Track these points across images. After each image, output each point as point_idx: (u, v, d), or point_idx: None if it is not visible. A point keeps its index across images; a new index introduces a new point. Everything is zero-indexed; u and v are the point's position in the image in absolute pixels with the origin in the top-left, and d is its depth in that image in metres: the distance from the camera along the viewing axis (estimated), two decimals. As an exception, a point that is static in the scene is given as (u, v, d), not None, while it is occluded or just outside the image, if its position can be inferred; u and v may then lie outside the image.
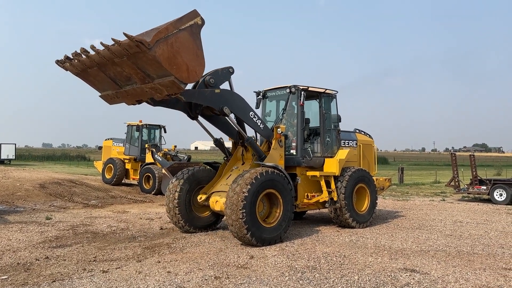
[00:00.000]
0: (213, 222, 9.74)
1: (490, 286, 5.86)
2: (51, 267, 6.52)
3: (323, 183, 10.02)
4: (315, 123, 10.60)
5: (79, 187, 18.53)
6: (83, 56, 7.14)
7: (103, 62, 6.98)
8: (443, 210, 14.27)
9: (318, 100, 10.63)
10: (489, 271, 6.57)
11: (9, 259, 6.93)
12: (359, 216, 10.38)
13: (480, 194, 17.17)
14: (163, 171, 17.05)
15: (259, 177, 8.12)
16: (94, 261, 6.89)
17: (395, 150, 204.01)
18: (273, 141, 9.31)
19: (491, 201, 16.60)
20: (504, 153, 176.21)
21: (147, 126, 21.44)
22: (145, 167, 18.90)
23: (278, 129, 9.33)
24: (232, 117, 8.87)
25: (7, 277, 6.00)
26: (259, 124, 9.19)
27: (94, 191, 17.89)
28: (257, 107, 10.85)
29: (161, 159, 18.50)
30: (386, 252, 7.78)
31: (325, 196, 9.94)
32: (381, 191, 12.31)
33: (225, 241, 8.54)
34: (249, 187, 7.92)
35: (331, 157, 10.43)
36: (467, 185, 17.72)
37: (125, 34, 6.15)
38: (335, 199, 10.01)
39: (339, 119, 11.01)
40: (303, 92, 10.02)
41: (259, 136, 9.70)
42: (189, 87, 7.79)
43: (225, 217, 8.27)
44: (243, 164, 9.65)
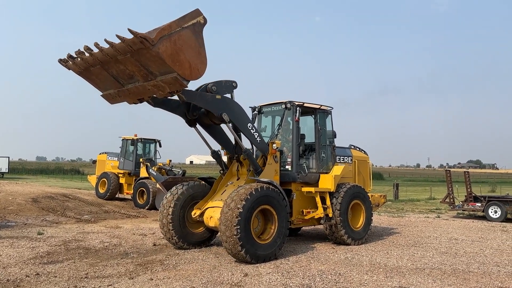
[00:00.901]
0: (207, 238, 9.64)
1: (486, 305, 5.81)
2: (41, 284, 6.40)
3: (318, 199, 9.98)
4: (310, 139, 10.60)
5: (72, 202, 18.34)
6: (86, 54, 7.19)
7: (106, 59, 7.04)
8: (438, 227, 14.23)
9: (313, 116, 10.66)
10: (485, 290, 6.52)
11: (-1, 276, 6.80)
12: (355, 233, 10.32)
13: (475, 211, 17.16)
14: (158, 185, 16.93)
15: (254, 192, 8.08)
16: (85, 278, 6.78)
17: (390, 165, 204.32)
18: (269, 157, 9.28)
19: (486, 218, 16.59)
20: (498, 169, 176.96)
21: (142, 140, 21.38)
22: (139, 181, 18.77)
23: (273, 145, 9.32)
24: (230, 127, 8.87)
25: (-5, 294, 5.88)
26: (256, 136, 9.18)
27: (87, 206, 17.71)
28: (253, 123, 10.85)
29: (155, 174, 18.40)
30: (381, 270, 7.71)
31: (320, 212, 9.89)
32: (376, 208, 12.28)
33: (219, 258, 8.44)
34: (243, 203, 7.86)
35: (326, 173, 10.41)
36: (462, 202, 17.72)
37: (129, 30, 6.20)
38: (330, 215, 9.96)
39: (334, 135, 11.03)
40: (298, 108, 10.05)
41: (254, 149, 9.69)
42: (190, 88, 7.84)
43: (219, 233, 8.18)
44: (238, 179, 9.60)
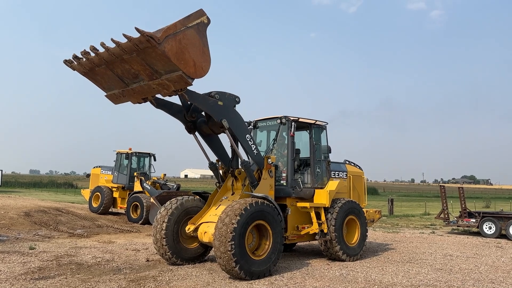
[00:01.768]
0: (201, 254, 9.55)
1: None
2: (31, 300, 6.29)
3: (313, 214, 9.95)
4: (305, 153, 10.61)
5: (65, 216, 18.16)
6: (92, 54, 7.24)
7: (112, 59, 7.09)
8: (433, 243, 14.20)
9: (308, 131, 10.69)
10: (481, 308, 6.48)
11: (-12, 292, 6.68)
12: (350, 248, 10.27)
13: (469, 227, 17.15)
14: (152, 200, 16.83)
15: (248, 208, 8.03)
16: (77, 294, 6.66)
17: (385, 180, 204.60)
18: (264, 171, 9.26)
19: (480, 234, 16.58)
20: (492, 185, 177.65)
21: (137, 154, 21.31)
22: (133, 195, 18.64)
23: (268, 160, 9.31)
24: (229, 135, 8.88)
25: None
26: (253, 148, 9.17)
27: (80, 220, 17.53)
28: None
29: (149, 188, 18.29)
30: (376, 286, 7.66)
31: (315, 228, 9.85)
32: (371, 223, 12.25)
33: (212, 274, 8.35)
34: (238, 218, 7.81)
35: (321, 188, 10.40)
36: (456, 217, 17.73)
37: (136, 28, 6.28)
38: (325, 231, 9.92)
39: (329, 150, 11.06)
40: (293, 123, 10.07)
41: (251, 162, 9.66)
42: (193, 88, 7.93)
43: (213, 249, 8.11)
44: (232, 194, 9.55)
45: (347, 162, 12.27)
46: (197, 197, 9.85)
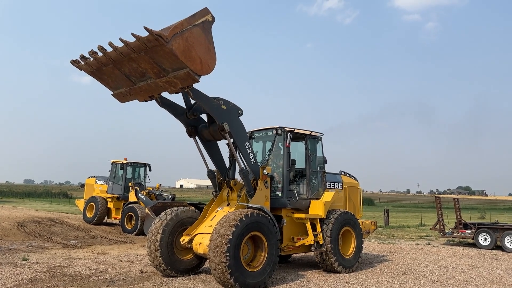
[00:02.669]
0: (196, 265, 9.47)
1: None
2: (23, 313, 6.20)
3: (308, 225, 9.91)
4: (301, 164, 10.61)
5: (59, 226, 18.01)
6: (100, 53, 7.29)
7: (120, 58, 7.16)
8: (429, 254, 14.18)
9: (304, 142, 10.70)
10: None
11: (-21, 304, 6.59)
12: (345, 260, 10.22)
13: (465, 238, 17.14)
14: (146, 210, 16.72)
15: (244, 219, 7.99)
16: (69, 306, 6.58)
17: (381, 191, 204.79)
18: (259, 182, 9.24)
19: (476, 245, 16.57)
20: (487, 196, 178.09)
21: (132, 164, 21.22)
22: (128, 206, 18.50)
23: (264, 170, 9.30)
24: (230, 141, 8.93)
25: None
26: (251, 157, 9.18)
27: (74, 231, 17.39)
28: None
29: (144, 198, 18.19)
30: (372, 298, 7.61)
31: (310, 239, 9.81)
32: (366, 235, 12.22)
33: (207, 286, 8.27)
34: (233, 229, 7.77)
35: (317, 199, 10.38)
36: (452, 229, 17.71)
37: (145, 28, 6.37)
38: (321, 242, 9.88)
39: (324, 161, 11.06)
40: (289, 133, 10.09)
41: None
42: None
43: (208, 261, 8.05)
44: (228, 205, 9.52)
45: (343, 173, 12.28)
46: (192, 208, 9.81)
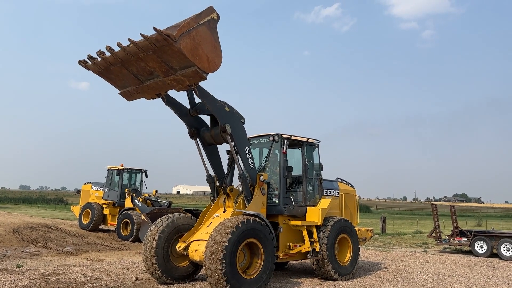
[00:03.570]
0: (192, 272, 9.42)
1: None
2: (16, 320, 6.14)
3: (305, 232, 9.89)
4: (297, 171, 10.61)
5: (54, 233, 17.90)
6: (107, 53, 7.34)
7: (128, 58, 7.24)
8: (425, 262, 14.16)
9: (300, 148, 10.71)
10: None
11: (-28, 311, 6.52)
12: (342, 268, 10.19)
13: (461, 245, 17.14)
14: (142, 217, 16.63)
15: (240, 225, 7.97)
16: (63, 314, 6.52)
17: (377, 198, 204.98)
18: (256, 189, 9.23)
19: (472, 252, 16.57)
20: (483, 203, 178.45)
21: (128, 170, 21.16)
22: (124, 212, 18.42)
23: (260, 177, 9.29)
24: (230, 144, 8.98)
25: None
26: (250, 162, 9.19)
27: (69, 237, 17.28)
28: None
29: (140, 205, 18.11)
30: (368, 306, 7.58)
31: (307, 246, 9.78)
32: (363, 242, 12.20)
33: (203, 293, 8.23)
34: (229, 236, 7.74)
35: (313, 206, 10.37)
36: (448, 236, 17.71)
37: (154, 28, 6.46)
38: (317, 249, 9.85)
39: (321, 168, 11.06)
40: (286, 140, 10.10)
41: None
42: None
43: (203, 268, 8.01)
44: (224, 211, 9.49)
45: (339, 180, 12.28)
46: (189, 214, 9.78)
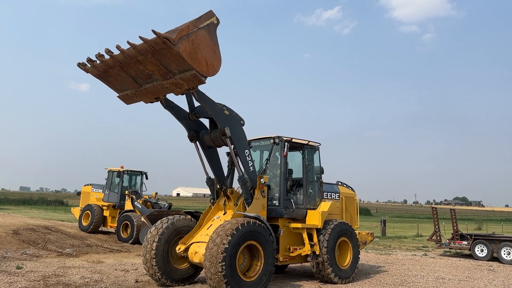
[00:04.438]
0: (191, 274, 9.41)
1: None
2: (16, 322, 6.13)
3: (305, 235, 9.87)
4: (298, 174, 10.60)
5: (54, 234, 17.89)
6: (107, 56, 7.35)
7: (127, 61, 7.24)
8: (425, 265, 14.13)
9: (301, 151, 10.71)
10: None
11: (-28, 313, 6.51)
12: (342, 271, 10.17)
13: (461, 249, 17.12)
14: (142, 219, 16.62)
15: (240, 228, 7.97)
16: (63, 316, 6.51)
17: (378, 201, 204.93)
18: (256, 191, 9.22)
19: (472, 256, 16.54)
20: (484, 207, 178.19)
21: (129, 172, 21.15)
22: (124, 214, 18.40)
23: (261, 179, 9.28)
24: (230, 147, 8.98)
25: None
26: (250, 164, 9.19)
27: (69, 239, 17.26)
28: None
29: (140, 207, 18.11)
30: (368, 309, 7.56)
31: (307, 249, 9.76)
32: (363, 246, 12.18)
33: (203, 295, 8.21)
34: (229, 238, 7.73)
35: (314, 209, 10.35)
36: (448, 239, 17.69)
37: (153, 31, 6.45)
38: (318, 252, 9.83)
39: (322, 171, 11.05)
40: (286, 143, 10.10)
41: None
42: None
43: (203, 270, 8.00)
44: (224, 214, 9.49)
45: (340, 183, 12.27)
46: (189, 216, 9.77)
